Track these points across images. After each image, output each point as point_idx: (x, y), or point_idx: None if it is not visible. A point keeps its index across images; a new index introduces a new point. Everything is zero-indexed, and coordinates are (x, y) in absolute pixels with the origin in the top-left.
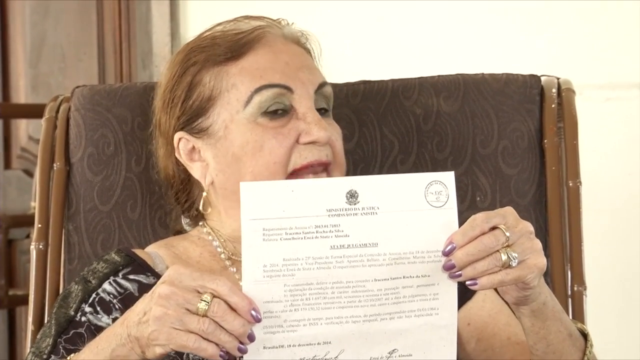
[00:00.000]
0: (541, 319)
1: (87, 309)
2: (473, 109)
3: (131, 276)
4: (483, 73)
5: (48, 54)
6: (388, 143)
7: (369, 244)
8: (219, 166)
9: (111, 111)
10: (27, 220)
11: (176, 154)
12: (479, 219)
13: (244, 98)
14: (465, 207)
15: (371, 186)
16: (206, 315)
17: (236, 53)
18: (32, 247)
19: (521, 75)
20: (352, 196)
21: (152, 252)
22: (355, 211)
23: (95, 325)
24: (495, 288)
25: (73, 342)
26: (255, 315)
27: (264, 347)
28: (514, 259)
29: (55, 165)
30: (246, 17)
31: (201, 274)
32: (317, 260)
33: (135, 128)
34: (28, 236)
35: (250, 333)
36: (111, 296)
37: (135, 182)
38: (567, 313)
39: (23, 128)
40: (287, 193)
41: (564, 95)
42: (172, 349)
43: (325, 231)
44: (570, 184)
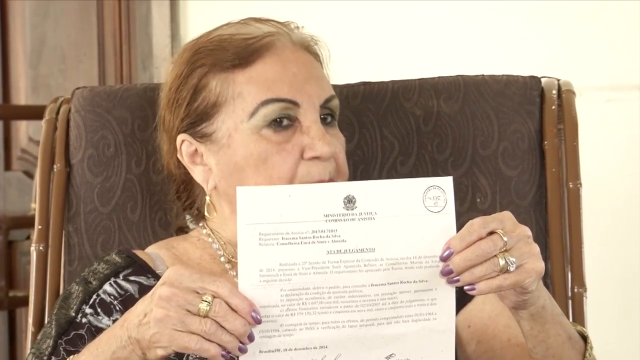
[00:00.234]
0: (540, 323)
1: (88, 310)
2: (473, 111)
3: (132, 277)
4: (483, 74)
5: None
6: (388, 144)
7: (366, 249)
8: (222, 173)
9: (111, 113)
10: (28, 221)
11: (178, 155)
12: (477, 224)
13: (250, 109)
14: (465, 209)
15: (369, 191)
16: (207, 315)
17: (244, 61)
18: (32, 249)
19: (521, 76)
20: (350, 201)
21: (153, 253)
22: (352, 216)
23: (95, 326)
24: None
25: (73, 344)
26: (255, 316)
27: (260, 351)
28: (512, 264)
29: (55, 166)
30: (255, 20)
31: (201, 276)
32: (314, 265)
33: (135, 129)
34: (28, 237)
35: (250, 333)
36: (112, 297)
37: (135, 184)
38: (567, 314)
39: (23, 129)
40: (284, 198)
41: (564, 96)
42: (174, 351)
43: (322, 236)
44: (570, 186)
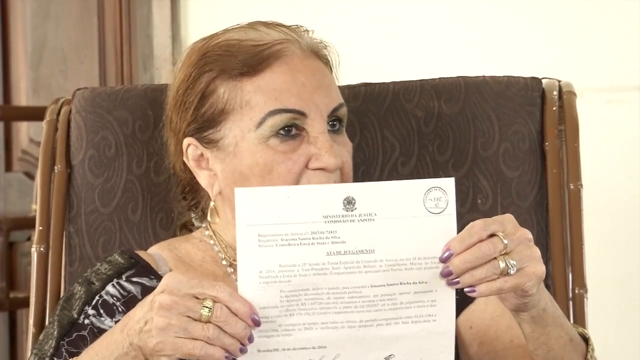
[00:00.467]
0: (541, 325)
1: (90, 312)
2: (474, 112)
3: (134, 279)
4: (484, 75)
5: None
6: (389, 145)
7: (366, 251)
8: (227, 180)
9: (112, 113)
10: (28, 222)
11: (184, 159)
12: (477, 226)
13: (257, 119)
14: (466, 210)
15: (369, 193)
16: (209, 321)
17: (252, 69)
18: (33, 250)
19: (522, 77)
20: (349, 203)
21: (156, 254)
22: (352, 217)
23: (98, 328)
24: None
25: (76, 345)
26: (255, 319)
27: (258, 351)
28: (512, 267)
29: (56, 167)
30: (264, 24)
31: (199, 281)
32: (314, 266)
33: (136, 130)
34: (29, 239)
35: (250, 334)
36: (114, 299)
37: (136, 185)
38: (568, 316)
39: (24, 130)
40: (283, 199)
41: (565, 97)
42: (178, 358)
43: (321, 237)
44: (571, 187)
